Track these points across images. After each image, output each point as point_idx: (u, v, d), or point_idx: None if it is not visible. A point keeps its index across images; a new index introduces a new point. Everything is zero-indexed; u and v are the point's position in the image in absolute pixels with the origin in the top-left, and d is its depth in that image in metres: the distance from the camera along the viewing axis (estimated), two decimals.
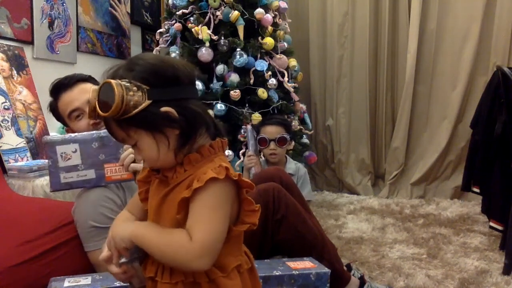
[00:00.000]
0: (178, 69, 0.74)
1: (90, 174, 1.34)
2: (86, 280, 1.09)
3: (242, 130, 2.27)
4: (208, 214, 0.71)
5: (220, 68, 2.48)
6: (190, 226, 0.71)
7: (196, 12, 2.55)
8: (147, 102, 0.70)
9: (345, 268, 1.50)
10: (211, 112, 2.41)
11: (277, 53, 2.62)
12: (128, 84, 0.70)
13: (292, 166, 2.13)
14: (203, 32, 2.45)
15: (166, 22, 2.78)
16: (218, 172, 0.71)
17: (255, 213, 0.77)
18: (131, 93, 0.69)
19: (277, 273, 1.15)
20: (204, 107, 0.79)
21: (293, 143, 2.31)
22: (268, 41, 2.52)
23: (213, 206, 0.71)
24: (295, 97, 2.71)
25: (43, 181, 1.81)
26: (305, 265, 1.22)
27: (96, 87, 0.74)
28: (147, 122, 0.72)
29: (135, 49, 3.29)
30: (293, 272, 1.17)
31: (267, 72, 2.48)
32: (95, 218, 1.31)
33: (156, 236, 0.73)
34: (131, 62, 0.75)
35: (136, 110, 0.70)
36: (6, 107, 2.04)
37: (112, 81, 0.69)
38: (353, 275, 1.48)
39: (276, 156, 2.09)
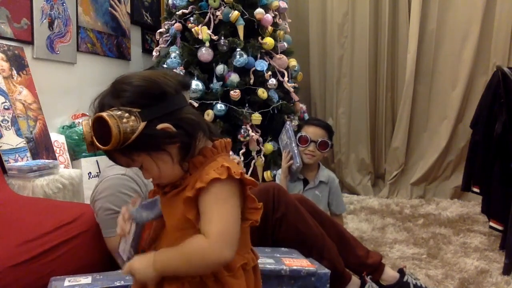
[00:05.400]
0: (162, 83, 0.75)
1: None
2: (86, 279, 1.09)
3: (287, 125, 2.15)
4: (217, 209, 0.72)
5: (220, 68, 2.48)
6: (204, 227, 0.72)
7: (196, 12, 2.55)
8: (142, 124, 0.71)
9: (398, 274, 1.50)
10: (210, 112, 2.41)
11: (277, 53, 2.62)
12: (119, 112, 0.70)
13: (325, 173, 2.02)
14: (203, 32, 2.45)
15: (166, 22, 2.79)
16: (221, 172, 0.72)
17: (257, 210, 0.78)
18: (124, 120, 0.70)
19: (277, 272, 1.15)
20: (196, 112, 0.79)
21: (328, 151, 2.06)
22: (268, 41, 2.52)
23: (219, 201, 0.72)
24: (295, 97, 2.71)
25: (43, 181, 1.81)
26: (301, 263, 1.22)
27: (87, 121, 0.74)
28: (147, 144, 0.73)
29: (135, 49, 3.29)
30: (291, 268, 1.16)
31: (267, 72, 2.48)
32: (115, 202, 1.28)
33: (176, 254, 0.73)
34: (116, 89, 0.75)
35: (135, 135, 0.70)
36: (6, 107, 2.04)
37: (103, 114, 0.70)
38: (406, 280, 1.47)
39: (312, 158, 1.97)
